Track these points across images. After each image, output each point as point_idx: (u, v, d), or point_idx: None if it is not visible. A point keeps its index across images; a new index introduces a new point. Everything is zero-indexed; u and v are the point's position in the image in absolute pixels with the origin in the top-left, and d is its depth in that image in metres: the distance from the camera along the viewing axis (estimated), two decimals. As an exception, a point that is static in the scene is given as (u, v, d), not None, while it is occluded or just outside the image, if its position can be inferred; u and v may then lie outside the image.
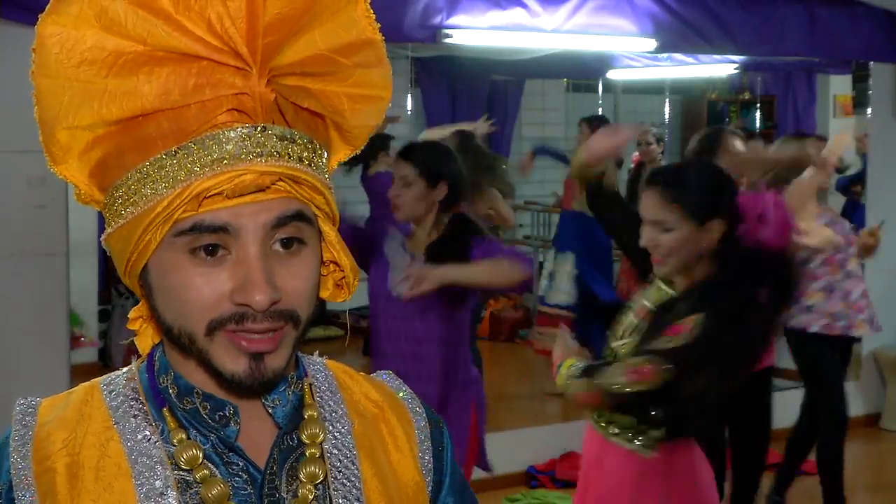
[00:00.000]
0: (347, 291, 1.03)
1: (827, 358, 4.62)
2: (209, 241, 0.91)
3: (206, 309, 0.91)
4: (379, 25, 0.98)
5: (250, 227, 0.91)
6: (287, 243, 0.93)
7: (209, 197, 0.90)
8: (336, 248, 1.00)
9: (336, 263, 1.01)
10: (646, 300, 2.62)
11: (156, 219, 0.90)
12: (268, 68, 0.91)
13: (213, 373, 0.94)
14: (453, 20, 4.75)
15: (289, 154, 0.92)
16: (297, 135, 0.93)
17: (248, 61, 0.89)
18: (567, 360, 2.54)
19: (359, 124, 1.00)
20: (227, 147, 0.89)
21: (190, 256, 0.91)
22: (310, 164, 0.94)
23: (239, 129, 0.90)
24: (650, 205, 2.54)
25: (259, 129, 0.91)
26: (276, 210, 0.91)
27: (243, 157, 0.90)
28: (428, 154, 3.35)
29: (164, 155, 0.90)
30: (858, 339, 4.69)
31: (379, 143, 6.80)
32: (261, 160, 0.90)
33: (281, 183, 0.91)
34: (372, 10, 0.98)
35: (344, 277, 1.02)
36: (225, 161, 0.89)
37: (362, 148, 1.05)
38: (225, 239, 0.91)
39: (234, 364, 0.92)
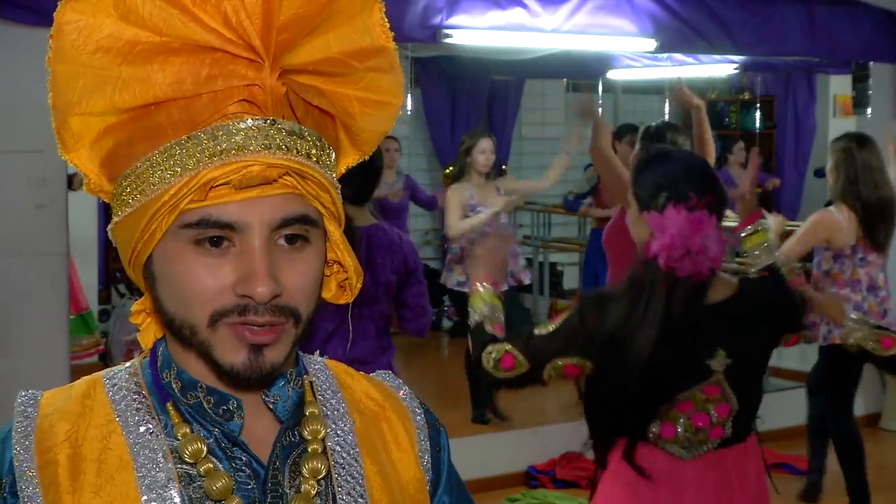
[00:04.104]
0: (350, 293, 1.03)
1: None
2: (215, 234, 0.91)
3: (209, 300, 0.91)
4: (393, 34, 0.99)
5: (256, 225, 0.91)
6: (291, 239, 0.94)
7: (216, 187, 0.90)
8: (340, 249, 1.00)
9: (340, 264, 1.02)
10: None
11: (162, 207, 0.91)
12: (280, 63, 0.92)
13: (213, 365, 0.94)
14: (453, 20, 4.75)
15: (297, 149, 0.93)
16: (306, 131, 0.94)
17: (260, 54, 0.90)
18: (484, 294, 2.51)
19: (368, 128, 1.01)
20: (237, 138, 0.90)
21: (194, 247, 0.92)
22: (318, 161, 0.94)
23: (249, 121, 0.91)
24: None
25: (269, 122, 0.92)
26: (282, 210, 0.92)
27: (252, 148, 0.91)
28: None
29: (174, 144, 0.91)
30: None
31: None
32: (269, 153, 0.91)
33: (288, 177, 0.92)
34: (387, 20, 0.99)
35: (347, 279, 1.02)
36: (233, 151, 0.90)
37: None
38: (230, 233, 0.92)
39: (234, 356, 0.93)
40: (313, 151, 0.94)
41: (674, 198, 2.38)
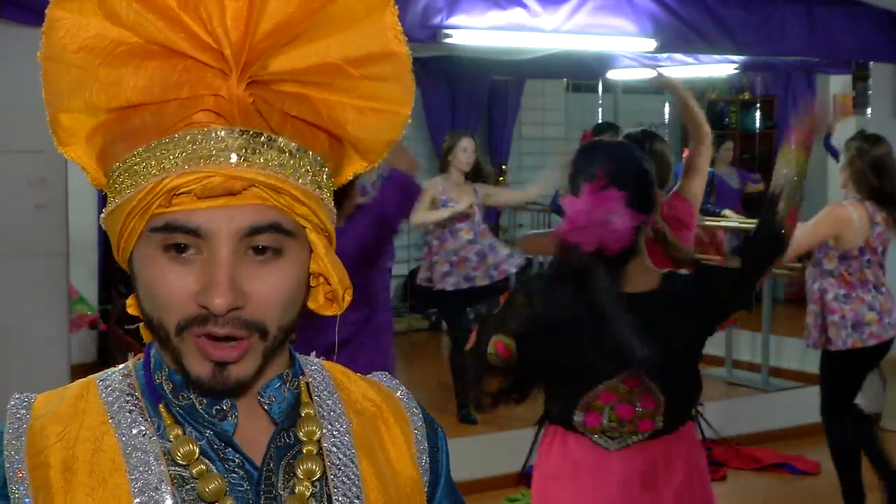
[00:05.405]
0: (338, 306, 1.01)
1: None
2: (181, 240, 0.91)
3: (175, 307, 0.91)
4: (406, 39, 0.97)
5: (223, 233, 0.90)
6: (261, 251, 0.92)
7: (179, 195, 0.90)
8: (324, 261, 0.97)
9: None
10: None
11: (133, 211, 0.91)
12: (249, 73, 0.90)
13: (183, 371, 0.94)
14: (453, 20, 4.75)
15: (266, 160, 0.91)
16: (281, 142, 0.92)
17: (229, 63, 0.89)
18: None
19: (365, 137, 0.98)
20: (200, 146, 0.90)
21: (163, 252, 0.91)
22: (293, 173, 0.92)
23: (214, 131, 0.90)
24: None
25: (236, 132, 0.90)
26: (250, 219, 0.90)
27: (212, 158, 0.89)
28: None
29: (144, 149, 0.91)
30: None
31: None
32: (231, 164, 0.89)
33: (255, 189, 0.90)
34: (400, 24, 0.96)
35: (333, 290, 1.00)
36: (194, 160, 0.89)
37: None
38: (196, 241, 0.91)
39: (200, 367, 0.92)
40: (290, 162, 0.92)
41: (586, 179, 2.41)
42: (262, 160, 0.90)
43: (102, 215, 0.97)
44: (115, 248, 0.97)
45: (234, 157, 0.89)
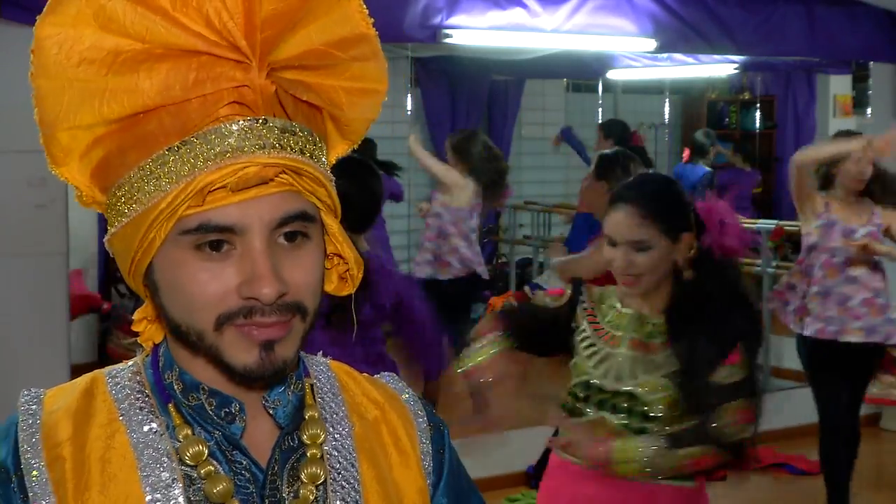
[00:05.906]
0: (352, 284, 1.03)
1: (816, 361, 4.61)
2: (215, 238, 0.91)
3: (213, 304, 0.91)
4: (373, 20, 0.99)
5: (256, 226, 0.91)
6: (291, 237, 0.93)
7: (213, 191, 0.90)
8: (339, 241, 1.00)
9: (340, 256, 1.01)
10: (630, 332, 2.47)
11: (160, 216, 0.90)
12: (267, 61, 0.91)
13: (224, 368, 0.94)
14: (453, 20, 4.76)
15: (290, 146, 0.92)
16: (297, 127, 0.94)
17: (247, 54, 0.90)
18: (619, 445, 2.37)
19: (356, 118, 1.01)
20: (230, 140, 0.90)
21: (195, 252, 0.91)
22: (311, 157, 0.94)
23: (241, 122, 0.90)
24: (625, 224, 2.43)
25: (261, 121, 0.91)
26: (281, 209, 0.92)
27: (246, 149, 0.90)
28: None
29: (167, 151, 0.90)
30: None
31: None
32: (263, 152, 0.90)
33: (284, 175, 0.92)
34: (364, 6, 0.99)
35: (348, 270, 1.02)
36: (228, 154, 0.89)
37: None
38: (230, 236, 0.91)
39: (246, 355, 0.92)
40: (307, 147, 0.94)
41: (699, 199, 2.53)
42: (288, 146, 0.92)
43: (108, 235, 0.96)
44: (127, 265, 0.96)
45: (264, 146, 0.90)
